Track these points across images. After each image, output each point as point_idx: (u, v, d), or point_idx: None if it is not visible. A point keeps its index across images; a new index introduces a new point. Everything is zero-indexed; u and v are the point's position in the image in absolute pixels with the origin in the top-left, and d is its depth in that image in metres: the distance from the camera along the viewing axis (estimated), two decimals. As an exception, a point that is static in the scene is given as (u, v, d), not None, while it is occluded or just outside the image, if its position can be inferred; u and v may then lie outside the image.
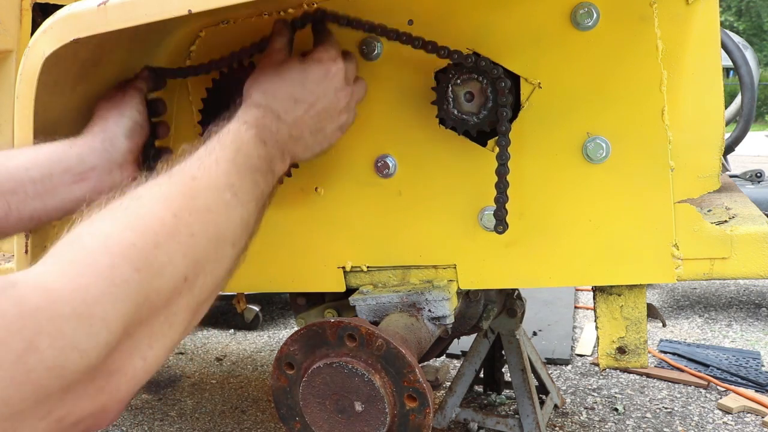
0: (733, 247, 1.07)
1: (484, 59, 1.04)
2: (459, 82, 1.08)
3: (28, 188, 0.94)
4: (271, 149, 0.89)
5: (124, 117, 1.05)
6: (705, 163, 1.08)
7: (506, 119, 1.04)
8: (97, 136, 1.02)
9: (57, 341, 0.51)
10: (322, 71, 0.96)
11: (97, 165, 1.00)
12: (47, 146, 0.98)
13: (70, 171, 0.98)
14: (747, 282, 4.06)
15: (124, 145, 1.03)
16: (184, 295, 0.66)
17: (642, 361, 1.19)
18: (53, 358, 0.50)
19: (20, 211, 0.93)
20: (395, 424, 0.93)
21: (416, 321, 1.15)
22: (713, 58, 1.05)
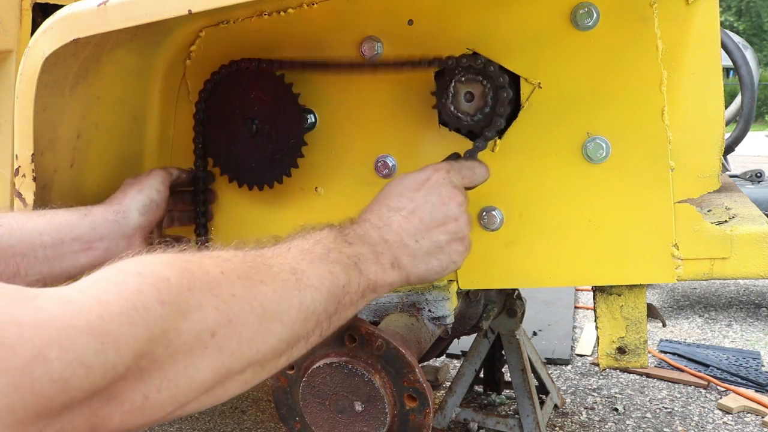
0: (733, 247, 1.07)
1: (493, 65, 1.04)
2: (463, 80, 1.08)
3: (39, 253, 0.96)
4: (357, 248, 0.85)
5: (142, 194, 1.10)
6: (705, 163, 1.08)
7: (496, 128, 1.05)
8: (113, 207, 1.07)
9: (66, 353, 0.50)
10: (420, 180, 0.95)
11: (106, 236, 1.04)
12: (63, 212, 1.02)
13: (80, 239, 1.01)
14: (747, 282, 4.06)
15: (136, 221, 1.07)
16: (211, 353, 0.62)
17: (642, 361, 1.19)
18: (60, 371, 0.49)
19: (28, 274, 0.96)
20: (395, 424, 0.93)
21: (416, 321, 1.15)
22: (713, 58, 1.05)
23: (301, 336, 0.74)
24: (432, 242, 0.92)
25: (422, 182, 0.94)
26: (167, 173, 1.17)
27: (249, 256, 0.73)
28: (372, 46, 1.15)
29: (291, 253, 0.77)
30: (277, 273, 0.72)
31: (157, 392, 0.58)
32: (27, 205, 1.06)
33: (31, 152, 1.03)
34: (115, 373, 0.54)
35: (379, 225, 0.90)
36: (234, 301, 0.65)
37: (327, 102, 1.21)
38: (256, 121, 1.18)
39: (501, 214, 1.15)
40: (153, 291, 0.58)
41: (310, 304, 0.74)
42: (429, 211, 0.93)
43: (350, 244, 0.84)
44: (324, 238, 0.83)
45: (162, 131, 1.29)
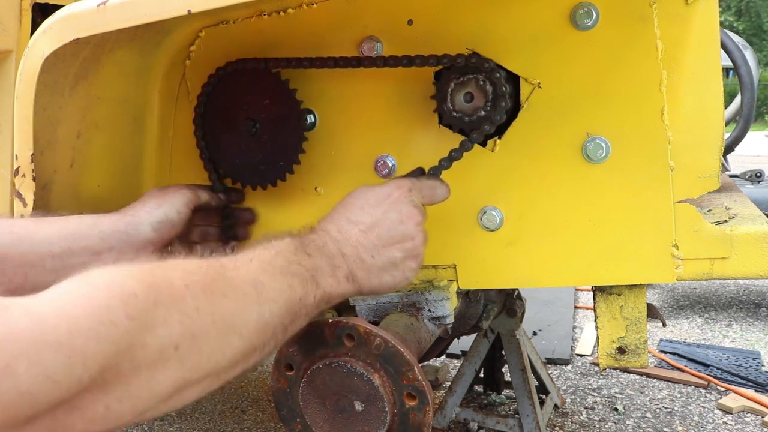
0: (733, 247, 1.07)
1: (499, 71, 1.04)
2: (462, 80, 1.08)
3: (47, 263, 0.95)
4: (316, 260, 0.87)
5: (160, 210, 1.07)
6: (705, 163, 1.08)
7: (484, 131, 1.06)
8: (125, 218, 1.05)
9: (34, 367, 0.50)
10: (382, 195, 0.97)
11: (114, 246, 1.01)
12: (74, 220, 1.00)
13: (89, 249, 0.99)
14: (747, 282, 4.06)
15: (147, 235, 1.04)
16: (172, 365, 0.64)
17: (642, 361, 1.19)
18: (27, 385, 0.50)
19: (35, 284, 0.93)
20: (395, 423, 0.93)
21: (416, 321, 1.15)
22: (713, 58, 1.06)
23: (257, 347, 0.76)
24: (387, 258, 0.95)
25: (383, 198, 0.96)
26: (194, 195, 1.12)
27: (213, 268, 0.74)
28: (372, 46, 1.15)
29: (253, 264, 0.79)
30: (238, 285, 0.74)
31: (118, 403, 0.59)
32: (27, 205, 1.06)
33: (30, 152, 1.03)
34: (81, 386, 0.55)
35: (337, 238, 0.92)
36: (197, 314, 0.67)
37: (327, 102, 1.21)
38: (256, 121, 1.18)
39: (501, 214, 1.15)
40: (121, 306, 0.59)
41: (268, 318, 0.76)
42: (387, 228, 0.95)
43: (309, 256, 0.86)
44: (285, 249, 0.84)
45: (162, 131, 1.29)
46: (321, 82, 1.20)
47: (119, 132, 1.21)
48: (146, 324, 0.61)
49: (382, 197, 0.97)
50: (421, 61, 1.07)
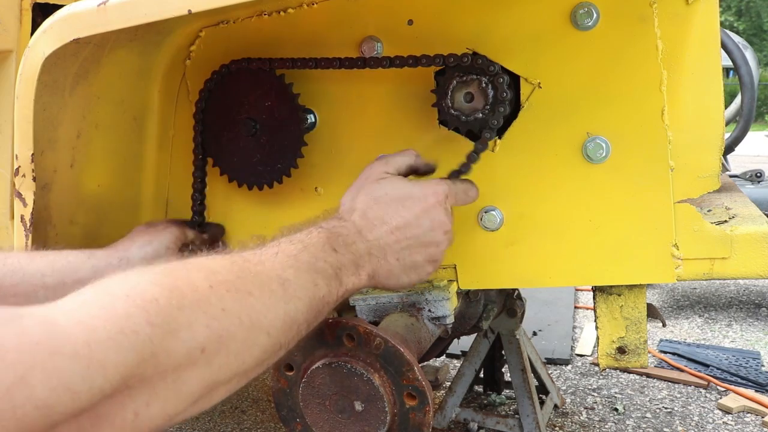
0: (733, 247, 1.07)
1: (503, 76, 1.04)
2: (463, 80, 1.08)
3: (40, 294, 0.95)
4: (342, 257, 0.86)
5: (150, 246, 1.08)
6: (705, 163, 1.08)
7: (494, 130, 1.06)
8: (118, 253, 1.06)
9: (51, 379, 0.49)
10: (418, 199, 0.95)
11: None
12: (67, 254, 1.01)
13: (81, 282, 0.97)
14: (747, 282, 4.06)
15: None
16: (200, 367, 0.63)
17: (642, 361, 1.19)
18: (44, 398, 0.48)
19: None
20: (395, 423, 0.93)
21: (416, 321, 1.15)
22: (713, 58, 1.06)
23: (283, 344, 0.75)
24: (411, 262, 0.95)
25: (419, 200, 0.95)
26: (182, 233, 1.14)
27: (237, 264, 0.73)
28: (372, 46, 1.15)
29: (278, 259, 0.78)
30: (264, 282, 0.73)
31: (146, 407, 0.58)
32: (27, 205, 1.06)
33: (31, 152, 1.03)
34: (102, 395, 0.53)
35: (368, 237, 0.92)
36: (224, 315, 0.65)
37: (327, 102, 1.21)
38: (257, 121, 1.18)
39: (501, 214, 1.15)
40: (142, 314, 0.58)
41: (293, 315, 0.75)
42: (418, 234, 0.95)
43: (336, 252, 0.86)
44: (311, 244, 0.83)
45: (162, 131, 1.29)
46: (321, 82, 1.20)
47: (119, 132, 1.21)
48: (170, 329, 0.60)
49: (419, 199, 0.95)
50: (427, 61, 1.07)
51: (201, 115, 1.21)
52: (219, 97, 1.20)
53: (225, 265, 0.71)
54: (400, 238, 0.93)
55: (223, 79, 1.18)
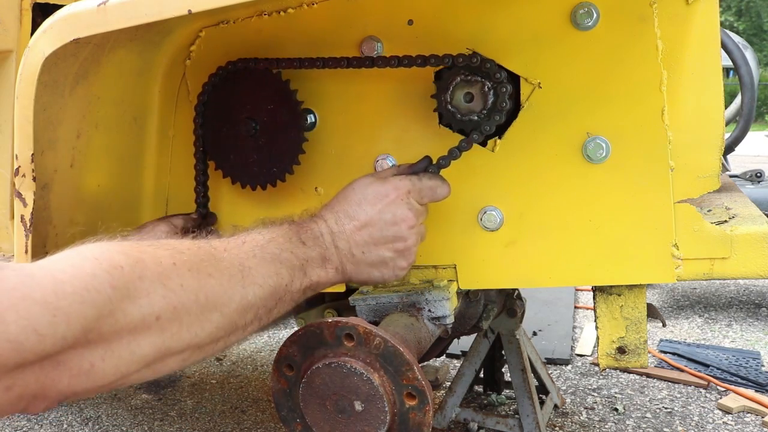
0: (733, 247, 1.07)
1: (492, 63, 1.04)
2: (462, 80, 1.08)
3: None
4: (309, 250, 0.92)
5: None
6: (705, 163, 1.08)
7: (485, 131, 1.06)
8: None
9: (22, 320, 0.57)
10: (380, 195, 0.99)
11: None
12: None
13: None
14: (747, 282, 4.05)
15: None
16: (153, 333, 0.69)
17: (642, 361, 1.19)
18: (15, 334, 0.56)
19: None
20: (395, 422, 0.93)
21: (416, 321, 1.15)
22: (713, 58, 1.06)
23: (238, 326, 0.81)
24: (377, 256, 0.99)
25: (381, 197, 0.99)
26: (171, 227, 1.15)
27: (203, 249, 0.79)
28: (372, 46, 1.15)
29: (244, 248, 0.84)
30: (225, 267, 0.79)
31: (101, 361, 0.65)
32: (27, 205, 1.06)
33: (31, 152, 1.03)
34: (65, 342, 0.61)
35: (334, 230, 0.97)
36: (181, 290, 0.72)
37: (327, 102, 1.21)
38: (257, 121, 1.18)
39: (501, 214, 1.15)
40: (106, 276, 0.65)
41: (251, 299, 0.81)
42: (380, 228, 0.99)
43: (303, 245, 0.91)
44: (279, 236, 0.89)
45: (162, 131, 1.29)
46: (321, 82, 1.20)
47: (119, 132, 1.21)
48: (129, 294, 0.67)
49: (380, 196, 0.99)
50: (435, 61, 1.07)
51: (201, 115, 1.21)
52: (219, 97, 1.20)
53: (191, 248, 0.78)
54: (362, 232, 0.98)
55: (223, 79, 1.18)
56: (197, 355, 0.77)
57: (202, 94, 1.20)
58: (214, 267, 0.77)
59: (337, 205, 0.99)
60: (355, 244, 0.97)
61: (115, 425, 2.48)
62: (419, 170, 1.06)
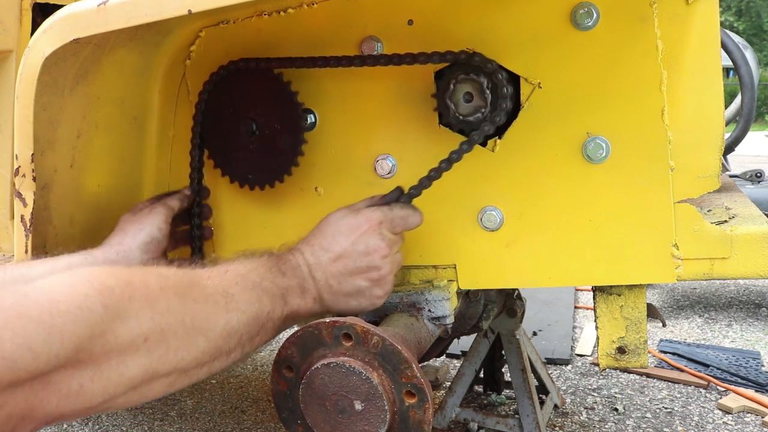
0: (733, 247, 1.07)
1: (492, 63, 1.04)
2: (462, 80, 1.08)
3: None
4: (289, 281, 0.95)
5: (143, 232, 1.10)
6: (705, 163, 1.08)
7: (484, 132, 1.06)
8: (114, 247, 1.08)
9: (17, 337, 0.58)
10: (353, 227, 1.03)
11: None
12: (65, 258, 1.02)
13: None
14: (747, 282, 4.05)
15: (139, 258, 1.08)
16: (141, 355, 0.71)
17: (642, 361, 1.19)
18: (10, 351, 0.57)
19: None
20: (396, 421, 0.93)
21: (416, 321, 1.15)
22: (713, 58, 1.06)
23: (223, 351, 0.83)
24: (353, 286, 1.03)
25: (354, 229, 1.03)
26: (168, 209, 1.15)
27: (188, 275, 0.82)
28: (372, 46, 1.15)
29: (227, 276, 0.87)
30: (209, 294, 0.82)
31: (90, 382, 0.67)
32: (27, 205, 1.06)
33: (31, 152, 1.03)
34: (57, 361, 0.62)
35: (310, 261, 1.01)
36: (168, 313, 0.75)
37: (327, 102, 1.21)
38: (257, 121, 1.18)
39: (501, 214, 1.15)
40: (98, 296, 0.67)
41: (235, 325, 0.84)
42: (354, 259, 1.02)
43: (283, 275, 0.95)
44: (260, 266, 0.93)
45: (162, 131, 1.29)
46: (321, 82, 1.20)
47: (119, 132, 1.21)
48: (119, 315, 0.69)
49: (353, 228, 1.03)
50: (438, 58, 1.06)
51: (201, 115, 1.21)
52: (219, 97, 1.20)
53: (177, 274, 0.81)
54: (337, 264, 1.01)
55: (223, 79, 1.18)
56: (183, 380, 0.79)
57: (202, 93, 1.20)
58: (198, 293, 0.81)
59: (313, 238, 1.03)
60: (331, 275, 1.01)
61: (115, 425, 2.48)
62: (391, 201, 1.09)
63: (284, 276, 0.95)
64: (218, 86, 1.19)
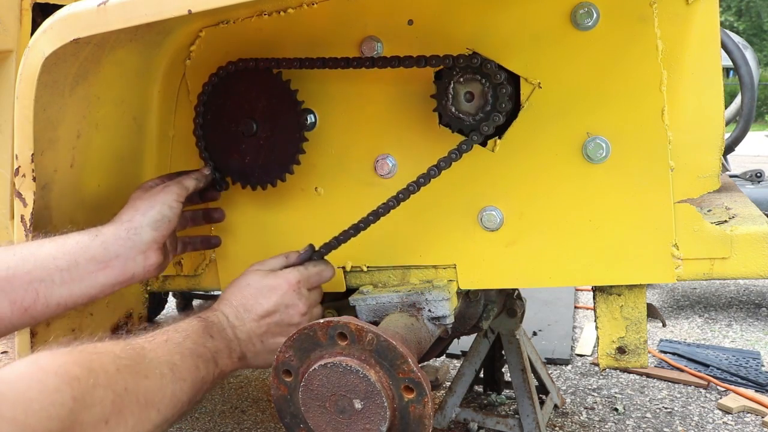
0: (733, 247, 1.07)
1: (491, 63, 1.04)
2: (462, 80, 1.08)
3: (55, 277, 0.99)
4: (217, 342, 1.01)
5: (153, 210, 1.09)
6: (705, 163, 1.08)
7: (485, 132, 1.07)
8: (123, 224, 1.07)
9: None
10: (273, 288, 1.09)
11: (121, 253, 1.05)
12: (74, 235, 1.03)
13: (95, 259, 1.03)
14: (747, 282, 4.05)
15: (149, 236, 1.08)
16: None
17: (642, 361, 1.19)
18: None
19: (47, 299, 0.98)
20: (396, 417, 0.93)
21: (416, 321, 1.15)
22: (713, 58, 1.06)
23: (169, 420, 0.89)
24: (273, 343, 1.09)
25: (274, 290, 1.09)
26: (182, 188, 1.14)
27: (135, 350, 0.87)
28: (372, 46, 1.15)
29: (167, 346, 0.92)
30: (156, 367, 0.87)
31: None
32: (27, 205, 1.06)
33: (31, 152, 1.03)
34: None
35: (235, 324, 1.06)
36: (126, 394, 0.80)
37: (327, 102, 1.21)
38: (257, 121, 1.18)
39: (501, 214, 1.15)
40: (68, 389, 0.71)
41: (179, 395, 0.90)
42: (276, 320, 1.09)
43: (212, 338, 1.00)
44: (193, 332, 0.98)
45: (162, 131, 1.29)
46: (321, 82, 1.20)
47: (119, 132, 1.21)
48: (86, 404, 0.73)
49: (273, 289, 1.09)
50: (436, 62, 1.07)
51: (201, 115, 1.21)
52: (219, 97, 1.20)
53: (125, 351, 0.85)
54: (262, 324, 1.08)
55: (223, 79, 1.18)
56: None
57: (202, 94, 1.20)
58: (147, 367, 0.86)
59: (234, 299, 1.08)
60: (255, 334, 1.07)
61: (115, 425, 2.48)
62: (305, 259, 1.17)
63: (213, 339, 1.00)
64: (218, 86, 1.19)
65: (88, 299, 1.03)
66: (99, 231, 1.05)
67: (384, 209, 1.12)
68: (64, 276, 0.99)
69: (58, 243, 1.01)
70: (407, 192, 1.11)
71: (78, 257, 1.01)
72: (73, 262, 1.00)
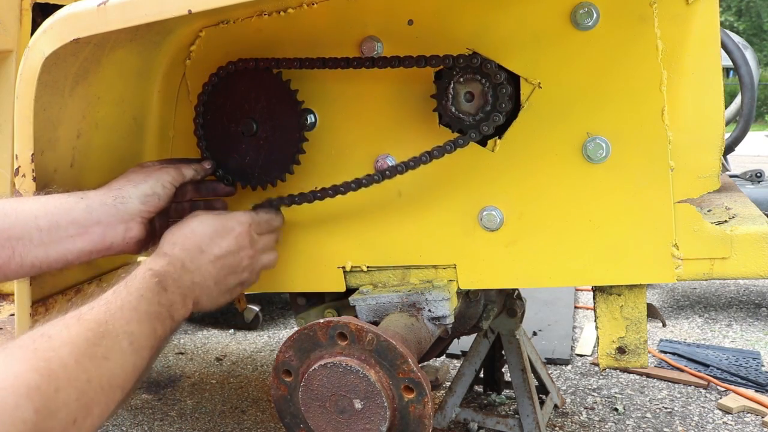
0: (733, 247, 1.07)
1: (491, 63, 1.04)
2: (462, 80, 1.08)
3: (34, 236, 0.96)
4: (171, 295, 0.96)
5: (146, 184, 1.08)
6: (705, 163, 1.08)
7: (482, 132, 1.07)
8: (112, 191, 1.05)
9: None
10: (227, 228, 1.07)
11: (102, 220, 1.02)
12: (59, 196, 1.01)
13: (75, 223, 1.00)
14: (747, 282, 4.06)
15: (135, 207, 1.06)
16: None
17: (642, 361, 1.19)
18: None
19: (23, 258, 0.96)
20: (396, 417, 0.93)
21: (416, 321, 1.15)
22: (713, 58, 1.06)
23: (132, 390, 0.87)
24: (226, 285, 1.08)
25: (228, 231, 1.08)
26: (179, 174, 1.13)
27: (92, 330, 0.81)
28: (372, 46, 1.15)
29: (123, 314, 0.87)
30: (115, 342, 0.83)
31: None
32: (27, 205, 1.06)
33: (31, 152, 1.03)
34: None
35: (191, 268, 1.02)
36: (89, 386, 0.77)
37: (327, 102, 1.21)
38: (257, 121, 1.18)
39: (501, 214, 1.15)
40: (29, 403, 0.67)
41: (140, 364, 0.88)
42: (230, 261, 1.07)
43: (166, 291, 0.96)
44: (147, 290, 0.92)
45: (162, 131, 1.29)
46: (321, 82, 1.20)
47: (119, 132, 1.21)
48: (50, 412, 0.70)
49: (227, 230, 1.07)
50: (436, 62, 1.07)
51: (201, 115, 1.21)
52: (219, 97, 1.20)
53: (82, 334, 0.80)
54: (218, 265, 1.05)
55: (223, 79, 1.18)
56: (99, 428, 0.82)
57: (202, 94, 1.20)
58: (106, 347, 0.81)
59: (187, 242, 1.04)
60: (211, 277, 1.04)
61: (115, 425, 2.48)
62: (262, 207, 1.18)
63: (167, 292, 0.96)
64: (218, 86, 1.19)
65: (63, 264, 1.00)
66: (85, 194, 1.03)
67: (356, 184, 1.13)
68: (43, 237, 0.96)
69: (41, 202, 0.99)
70: (394, 170, 1.11)
71: (60, 219, 0.98)
72: (54, 223, 0.97)
